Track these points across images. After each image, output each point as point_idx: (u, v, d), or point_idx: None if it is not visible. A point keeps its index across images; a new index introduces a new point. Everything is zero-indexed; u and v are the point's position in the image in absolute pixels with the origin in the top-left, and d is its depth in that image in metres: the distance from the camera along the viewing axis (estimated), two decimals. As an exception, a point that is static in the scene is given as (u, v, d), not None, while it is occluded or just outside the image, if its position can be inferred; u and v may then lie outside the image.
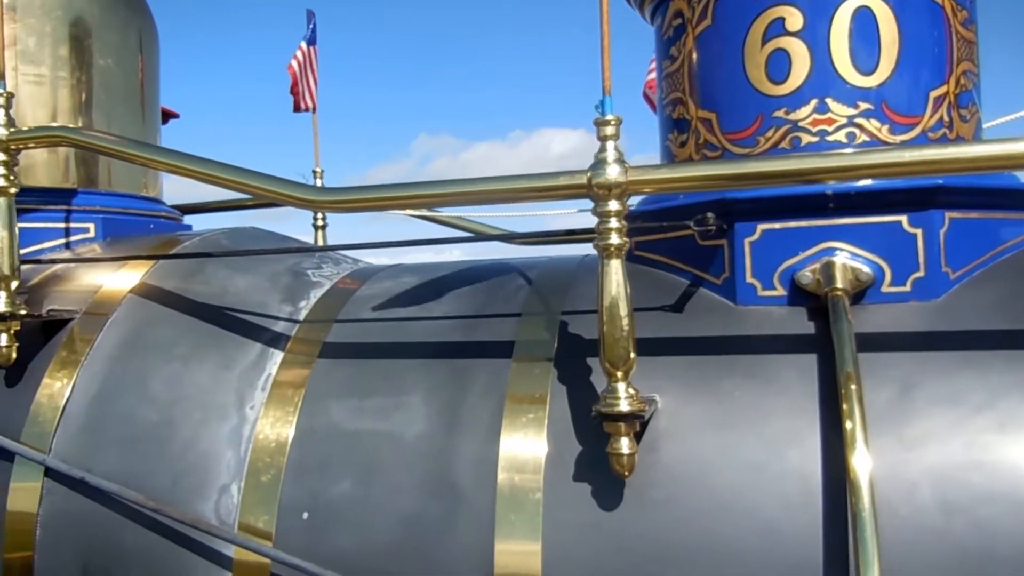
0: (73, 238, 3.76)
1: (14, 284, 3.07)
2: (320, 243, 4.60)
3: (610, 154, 2.18)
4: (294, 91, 4.65)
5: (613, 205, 2.18)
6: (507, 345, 2.69)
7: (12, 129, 3.07)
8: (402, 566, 2.48)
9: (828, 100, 2.52)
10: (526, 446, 2.47)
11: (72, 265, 3.54)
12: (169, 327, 3.12)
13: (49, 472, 2.86)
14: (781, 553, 2.17)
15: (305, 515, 2.62)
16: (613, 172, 2.16)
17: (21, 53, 3.81)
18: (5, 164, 3.06)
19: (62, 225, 3.76)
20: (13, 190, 3.08)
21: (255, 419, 2.83)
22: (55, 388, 3.01)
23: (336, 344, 2.94)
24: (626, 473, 2.25)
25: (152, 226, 4.08)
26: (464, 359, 2.73)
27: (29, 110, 3.79)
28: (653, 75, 5.29)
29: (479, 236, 4.07)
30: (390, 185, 2.47)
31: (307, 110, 4.72)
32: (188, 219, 4.63)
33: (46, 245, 3.72)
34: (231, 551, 2.68)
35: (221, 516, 2.73)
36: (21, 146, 3.10)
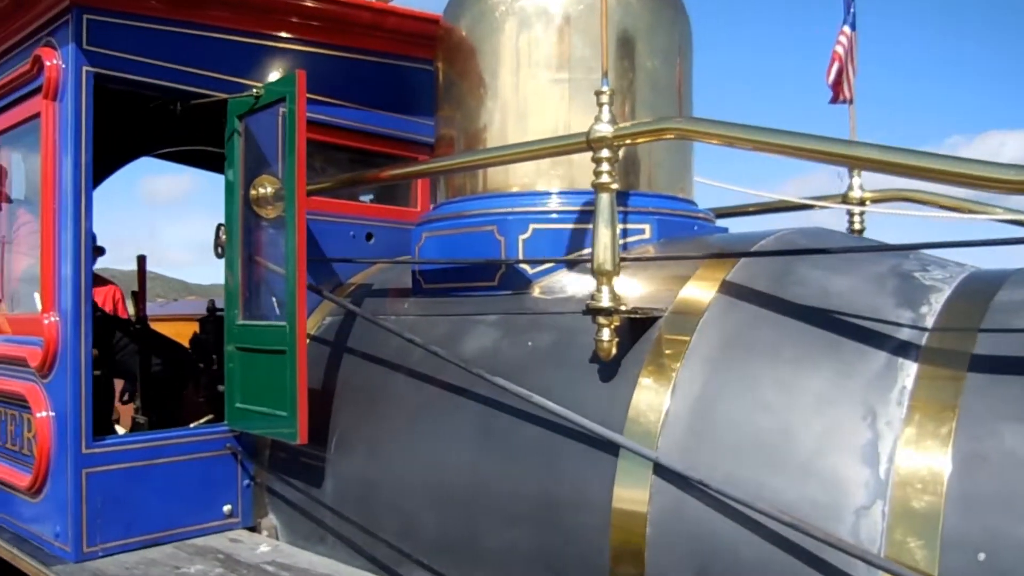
0: (631, 239, 3.77)
1: (616, 280, 3.09)
2: None
3: None
4: (835, 80, 4.31)
5: None
6: None
7: (617, 126, 3.10)
8: None
9: None
10: None
11: (638, 263, 3.53)
12: (770, 329, 2.93)
13: (657, 470, 2.80)
14: None
15: (981, 556, 2.24)
16: None
17: (580, 60, 3.93)
18: (610, 161, 3.09)
19: (621, 226, 3.78)
20: (615, 186, 3.11)
21: (894, 437, 2.51)
22: (654, 387, 2.96)
23: (991, 357, 2.52)
24: None
25: (696, 228, 3.98)
26: None
27: (586, 115, 3.89)
28: None
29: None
30: None
31: (844, 102, 4.38)
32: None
33: None
34: None
35: (861, 541, 2.44)
36: (624, 143, 3.12)
